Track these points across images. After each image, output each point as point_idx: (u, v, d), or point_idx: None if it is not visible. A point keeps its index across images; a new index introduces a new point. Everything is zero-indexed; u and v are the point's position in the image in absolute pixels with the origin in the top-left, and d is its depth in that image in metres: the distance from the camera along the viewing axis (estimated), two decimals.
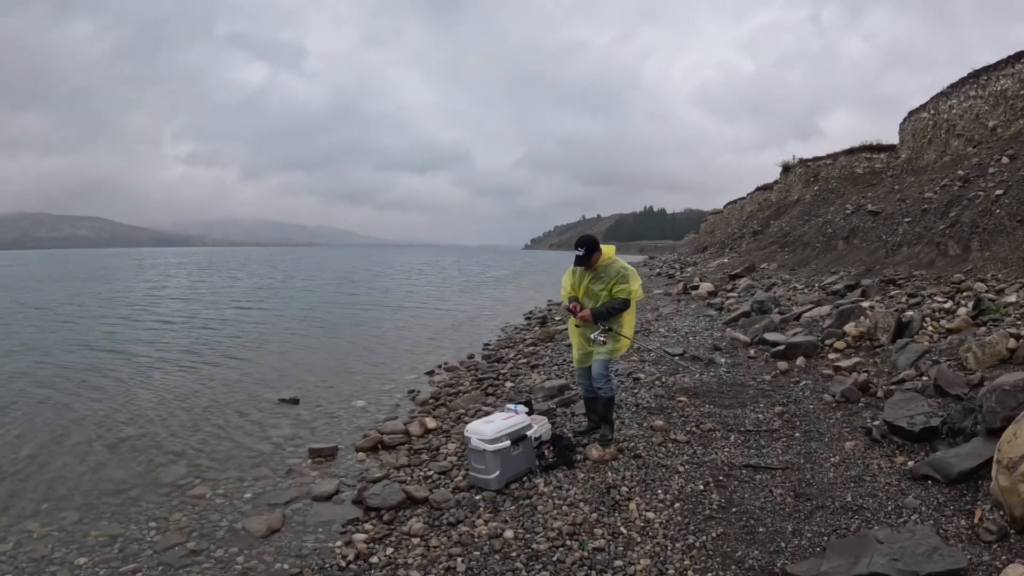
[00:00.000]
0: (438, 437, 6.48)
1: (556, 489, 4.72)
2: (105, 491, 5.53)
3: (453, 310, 21.02)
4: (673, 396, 6.99)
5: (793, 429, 5.84)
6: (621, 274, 5.32)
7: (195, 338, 14.63)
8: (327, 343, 13.96)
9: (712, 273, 23.46)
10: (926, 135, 21.04)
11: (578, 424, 6.18)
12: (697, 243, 47.64)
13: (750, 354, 8.97)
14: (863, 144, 27.33)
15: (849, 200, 22.05)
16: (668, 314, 14.12)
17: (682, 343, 10.21)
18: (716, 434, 5.77)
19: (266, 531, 4.63)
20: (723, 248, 33.06)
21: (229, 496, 5.39)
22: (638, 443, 5.55)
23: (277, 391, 9.05)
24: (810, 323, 10.11)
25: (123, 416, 7.88)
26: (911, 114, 22.77)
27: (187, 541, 4.51)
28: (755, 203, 39.15)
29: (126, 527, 4.78)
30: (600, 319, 5.31)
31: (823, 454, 5.22)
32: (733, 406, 6.58)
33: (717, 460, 5.18)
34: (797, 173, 32.05)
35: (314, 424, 7.45)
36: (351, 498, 5.10)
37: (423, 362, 11.25)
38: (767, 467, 4.96)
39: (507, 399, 7.73)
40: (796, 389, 7.12)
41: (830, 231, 19.89)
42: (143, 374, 10.40)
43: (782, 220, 28.24)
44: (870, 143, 27.10)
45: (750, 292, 15.78)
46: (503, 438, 4.78)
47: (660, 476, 4.88)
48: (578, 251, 5.31)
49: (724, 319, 12.35)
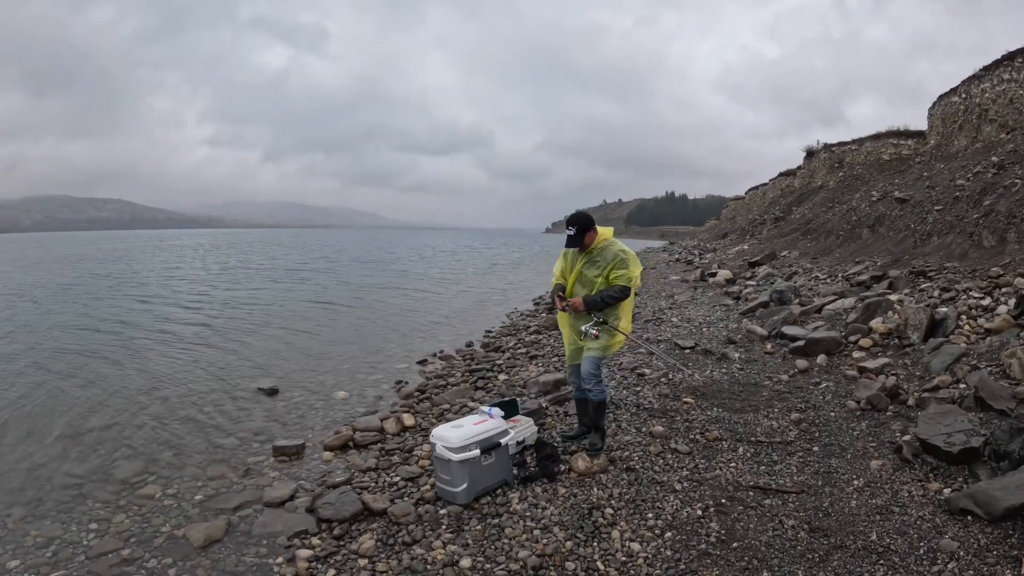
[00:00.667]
0: (415, 436, 5.91)
1: (531, 507, 4.09)
2: (57, 485, 5.23)
3: (463, 294, 20.49)
4: (679, 396, 6.29)
5: (811, 441, 5.10)
6: (620, 258, 4.62)
7: (195, 320, 14.31)
8: (326, 327, 13.46)
9: (731, 260, 22.70)
10: (957, 120, 20.06)
11: (569, 426, 5.55)
12: (718, 229, 46.63)
13: (767, 349, 8.23)
14: (890, 129, 26.30)
15: (875, 187, 21.13)
16: (683, 302, 13.42)
17: (695, 335, 9.51)
18: (723, 444, 5.05)
19: (204, 541, 4.17)
20: (744, 235, 32.20)
21: (179, 497, 4.96)
22: (633, 452, 4.89)
23: (258, 378, 8.60)
24: (833, 316, 9.34)
25: (94, 404, 7.54)
26: (941, 98, 21.73)
27: (123, 548, 4.15)
28: (777, 189, 38.16)
29: (67, 528, 4.45)
30: (594, 309, 4.63)
31: (845, 475, 4.48)
32: (744, 410, 5.85)
33: (721, 478, 4.47)
34: (821, 158, 31.04)
35: (287, 417, 6.92)
36: (305, 505, 4.55)
37: (418, 349, 10.68)
38: (779, 490, 4.24)
39: (498, 394, 7.15)
40: (816, 392, 6.36)
41: (855, 219, 19.04)
42: (128, 358, 10.03)
43: (805, 207, 27.32)
44: (897, 128, 26.04)
45: (769, 281, 15.06)
46: (472, 446, 4.17)
47: (653, 495, 4.20)
48: (569, 230, 4.67)
49: (741, 309, 11.61)
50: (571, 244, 4.69)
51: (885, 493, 4.18)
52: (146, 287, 22.17)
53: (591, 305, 4.61)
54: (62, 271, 30.19)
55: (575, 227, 4.62)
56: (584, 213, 4.77)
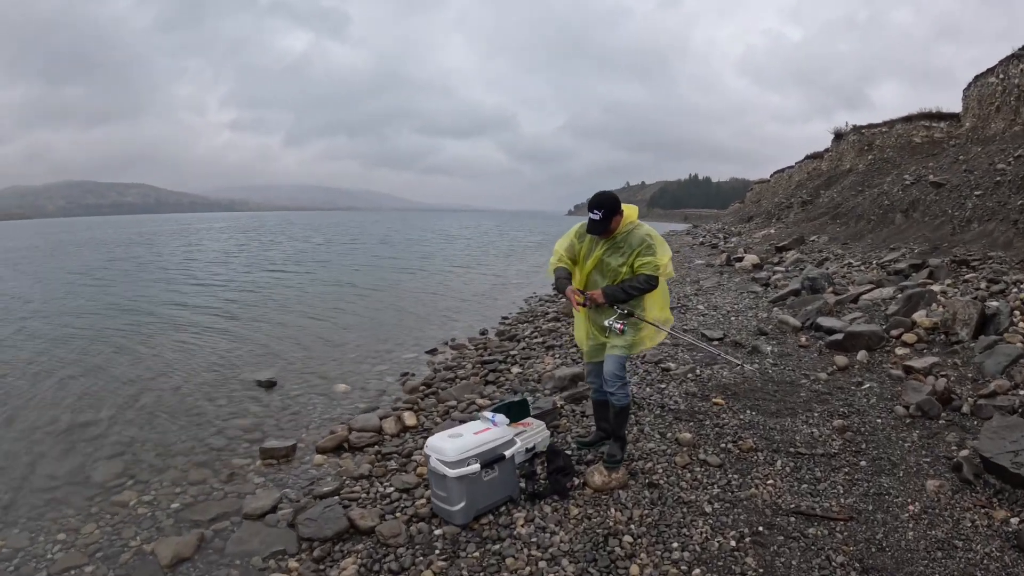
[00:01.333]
0: (415, 438, 5.40)
1: (538, 531, 3.55)
2: (34, 488, 4.88)
3: (482, 277, 19.97)
4: (708, 396, 5.68)
5: (858, 454, 4.46)
6: (647, 243, 3.93)
7: (209, 304, 14.01)
8: (339, 312, 13.03)
9: (758, 244, 21.95)
10: (994, 102, 19.19)
11: (587, 430, 5.00)
12: (742, 212, 45.58)
13: (801, 342, 7.58)
14: (921, 111, 25.28)
15: (907, 170, 20.28)
16: (709, 288, 12.76)
17: (722, 324, 8.88)
18: (758, 456, 4.42)
19: (172, 559, 3.72)
20: (770, 218, 31.34)
21: (155, 505, 4.53)
22: (656, 463, 4.31)
23: (260, 368, 8.18)
24: (870, 307, 8.66)
25: (88, 396, 7.22)
26: (977, 79, 20.76)
27: (87, 564, 3.78)
28: (804, 172, 37.13)
29: (34, 539, 4.09)
30: (616, 302, 3.98)
31: (898, 497, 3.85)
32: (780, 413, 5.23)
33: (758, 498, 3.86)
34: (850, 141, 30.05)
35: (282, 414, 6.46)
36: (288, 519, 4.07)
37: (430, 337, 10.19)
38: (824, 516, 3.62)
39: (509, 389, 6.62)
40: (859, 394, 5.70)
41: (887, 203, 18.27)
42: (131, 346, 9.70)
43: (833, 190, 26.43)
44: (929, 110, 25.00)
45: (799, 267, 14.35)
46: (471, 460, 3.63)
47: (679, 519, 3.62)
48: (593, 214, 3.91)
49: (770, 297, 10.95)
50: (595, 230, 3.98)
51: (945, 522, 3.55)
52: (164, 271, 22.01)
53: (612, 298, 3.97)
54: (82, 256, 30.16)
55: (601, 210, 3.88)
56: (610, 193, 3.99)
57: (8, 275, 21.07)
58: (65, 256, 29.70)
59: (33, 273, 21.60)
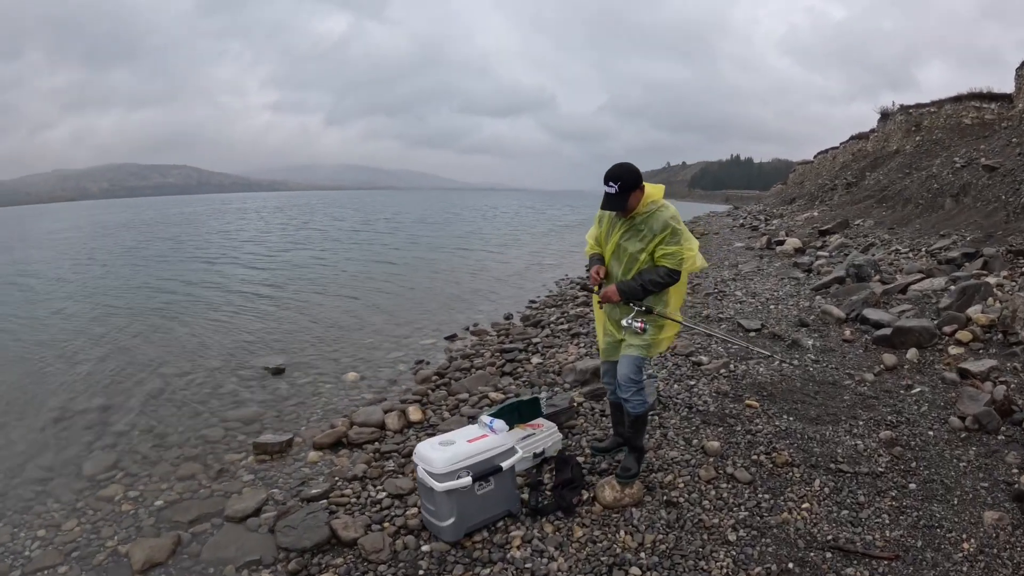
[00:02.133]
0: (419, 435, 5.02)
1: (534, 554, 3.12)
2: (26, 479, 4.72)
3: (516, 257, 19.43)
4: (741, 396, 5.14)
5: (906, 474, 3.88)
6: (671, 229, 3.40)
7: (238, 284, 13.98)
8: (365, 292, 12.79)
9: (800, 227, 21.05)
10: None
11: (604, 433, 4.54)
12: (784, 194, 44.12)
13: (845, 335, 6.95)
14: (971, 92, 23.82)
15: (957, 153, 19.13)
16: (748, 273, 12.08)
17: (760, 313, 8.28)
18: (794, 472, 3.88)
19: (144, 564, 3.47)
20: (813, 200, 30.17)
21: (139, 502, 4.31)
22: (678, 477, 3.82)
23: (272, 353, 7.95)
24: (920, 299, 7.97)
25: (96, 381, 7.09)
26: None
27: (61, 564, 3.55)
28: (849, 153, 35.63)
29: (15, 535, 3.91)
30: (632, 298, 3.50)
31: (951, 532, 3.26)
32: (821, 420, 4.67)
33: (790, 526, 3.32)
34: (897, 121, 28.61)
35: (285, 404, 6.16)
36: (269, 524, 3.75)
37: (451, 321, 9.82)
38: (866, 554, 3.05)
39: (527, 382, 6.19)
40: (909, 400, 5.08)
41: (936, 187, 17.27)
42: (148, 329, 9.60)
43: (879, 172, 25.22)
44: (979, 91, 23.55)
45: (843, 252, 13.55)
46: (462, 472, 3.21)
47: (698, 548, 3.14)
48: (608, 187, 3.40)
49: (813, 284, 10.27)
50: (610, 206, 3.46)
51: (1004, 565, 2.97)
52: (199, 250, 22.18)
53: (629, 294, 3.48)
54: (121, 237, 30.58)
55: (616, 183, 3.37)
56: (629, 165, 3.46)
57: (48, 256, 21.45)
58: (105, 237, 30.14)
59: (72, 254, 21.91)
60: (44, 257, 21.32)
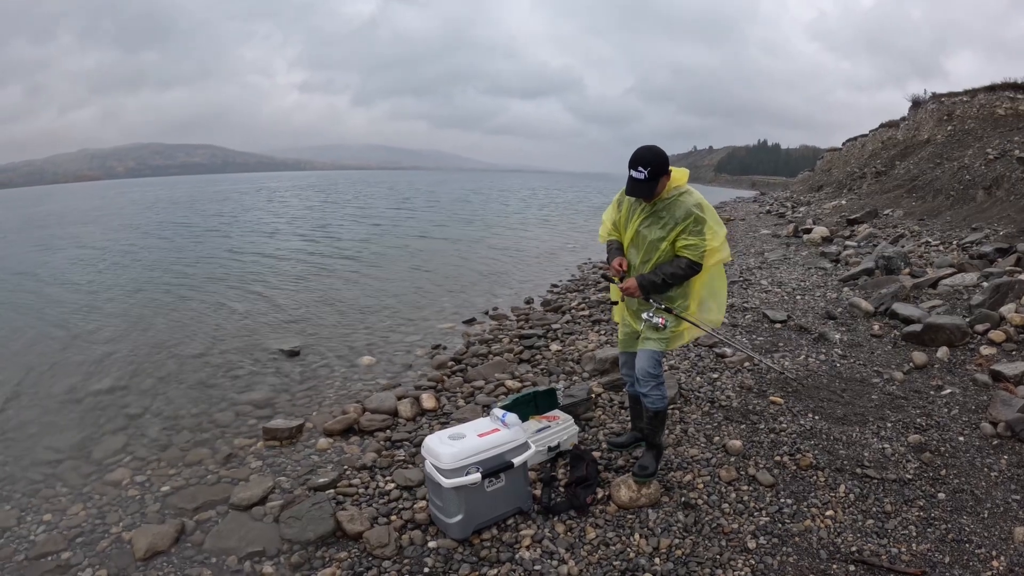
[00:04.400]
0: (431, 423, 4.90)
1: (544, 556, 3.00)
2: (37, 461, 4.68)
3: (537, 240, 19.16)
4: (765, 392, 4.97)
5: (935, 483, 3.65)
6: (694, 217, 3.21)
7: (259, 264, 13.98)
8: (385, 273, 12.73)
9: (827, 215, 20.62)
10: None
11: (623, 426, 4.39)
12: (812, 181, 43.29)
13: (874, 330, 6.70)
14: (1005, 81, 23.01)
15: (990, 144, 18.50)
16: (774, 261, 11.82)
17: (787, 304, 8.06)
18: (818, 476, 3.70)
19: (146, 552, 3.38)
20: (840, 188, 29.55)
21: (145, 487, 4.21)
22: (697, 476, 3.66)
23: (288, 335, 7.89)
24: (951, 295, 7.68)
25: (111, 360, 7.05)
26: None
27: (65, 549, 3.47)
28: (878, 141, 34.76)
29: (22, 518, 3.86)
30: (653, 292, 3.32)
31: (981, 547, 3.05)
32: (848, 420, 4.47)
33: (813, 535, 3.15)
34: (928, 110, 27.80)
35: (299, 387, 6.08)
36: (275, 513, 3.65)
37: (471, 305, 9.70)
38: (891, 569, 2.86)
39: (544, 370, 6.06)
40: (939, 402, 4.84)
41: (967, 178, 16.77)
42: (166, 308, 9.61)
43: (909, 161, 24.56)
44: (1014, 80, 22.75)
45: (872, 242, 13.21)
46: (471, 468, 3.09)
47: (715, 555, 2.98)
48: (637, 172, 3.16)
49: (841, 275, 10.00)
50: (636, 192, 3.25)
51: None
52: (223, 227, 22.25)
53: (649, 289, 3.30)
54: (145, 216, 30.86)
55: (646, 169, 3.14)
56: (657, 149, 3.21)
57: (74, 234, 21.69)
58: (130, 216, 30.44)
59: (97, 233, 22.10)
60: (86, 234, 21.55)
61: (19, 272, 13.45)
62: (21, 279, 12.58)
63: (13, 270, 13.79)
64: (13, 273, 13.34)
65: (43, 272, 13.35)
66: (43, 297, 10.64)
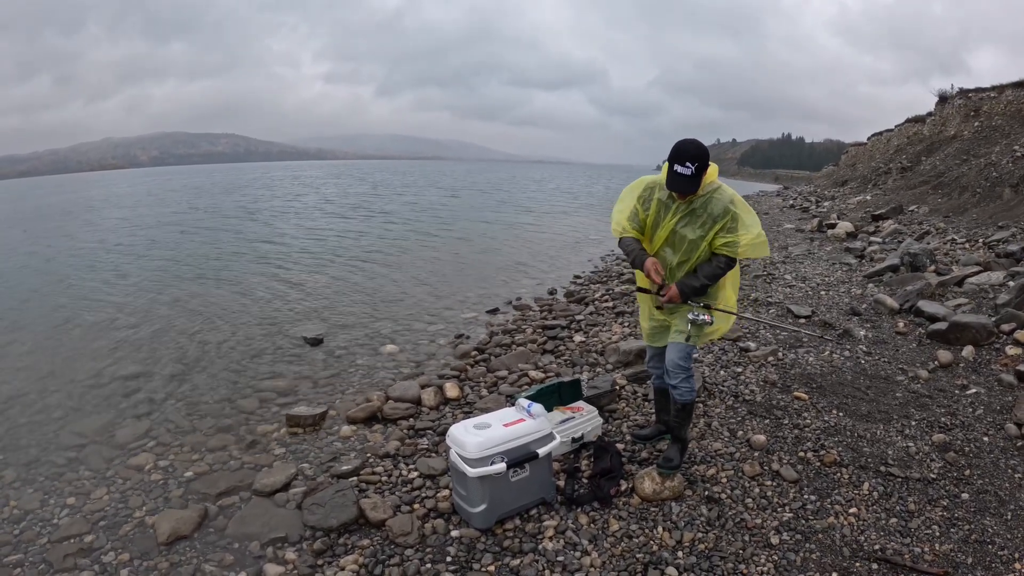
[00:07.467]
0: (455, 412, 4.92)
1: (567, 547, 2.99)
2: (61, 445, 4.73)
3: (562, 231, 19.10)
4: (789, 387, 4.92)
5: (959, 483, 3.58)
6: (731, 214, 3.14)
7: (283, 251, 14.12)
8: (407, 262, 12.74)
9: (852, 211, 20.35)
10: None
11: (646, 419, 4.37)
12: (836, 176, 42.74)
13: (898, 327, 6.59)
14: None
15: (1018, 141, 18.16)
16: (798, 256, 11.68)
17: (811, 299, 7.97)
18: (842, 473, 3.65)
19: (169, 536, 3.41)
20: (865, 184, 29.15)
21: (168, 472, 4.25)
22: (721, 471, 3.64)
23: (311, 322, 7.97)
24: (976, 293, 7.54)
25: (135, 349, 7.10)
26: None
27: (88, 533, 3.51)
28: (903, 136, 34.19)
29: (45, 501, 3.90)
30: (694, 296, 3.26)
31: (1003, 548, 2.99)
32: (872, 417, 4.41)
33: (836, 532, 3.12)
34: (955, 105, 27.25)
35: (322, 374, 6.12)
36: (297, 500, 3.68)
37: (494, 295, 9.70)
38: (914, 568, 2.82)
39: (568, 361, 6.05)
40: (964, 401, 4.75)
41: (995, 175, 16.48)
42: (191, 294, 9.73)
43: (935, 157, 24.15)
44: None
45: (897, 239, 13.01)
46: (496, 457, 3.09)
47: (738, 550, 2.96)
48: (684, 168, 3.02)
49: (865, 271, 9.86)
50: (681, 188, 3.11)
51: None
52: (249, 216, 22.46)
53: (692, 293, 3.24)
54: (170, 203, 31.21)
55: (694, 164, 3.01)
56: (699, 142, 3.09)
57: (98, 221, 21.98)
58: (153, 204, 30.77)
59: (121, 220, 22.39)
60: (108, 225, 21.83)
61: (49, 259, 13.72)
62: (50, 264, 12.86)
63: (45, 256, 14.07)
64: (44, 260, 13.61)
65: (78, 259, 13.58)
66: (72, 284, 10.80)
